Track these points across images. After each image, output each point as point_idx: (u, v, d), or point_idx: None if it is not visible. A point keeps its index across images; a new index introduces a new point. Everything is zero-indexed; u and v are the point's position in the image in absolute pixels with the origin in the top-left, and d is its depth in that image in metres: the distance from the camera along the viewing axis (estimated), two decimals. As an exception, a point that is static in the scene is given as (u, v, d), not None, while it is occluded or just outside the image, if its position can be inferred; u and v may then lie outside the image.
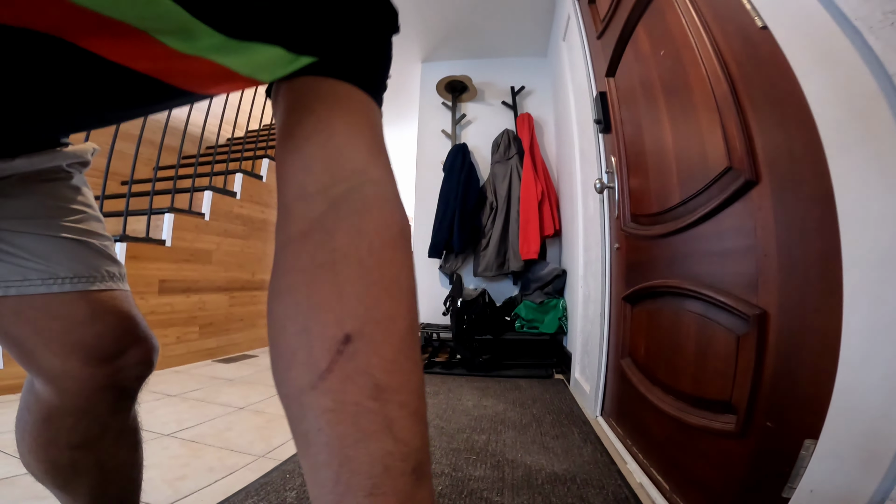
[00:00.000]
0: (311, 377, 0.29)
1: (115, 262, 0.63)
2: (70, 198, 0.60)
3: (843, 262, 0.57)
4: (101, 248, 0.61)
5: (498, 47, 3.32)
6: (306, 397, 0.29)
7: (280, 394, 0.33)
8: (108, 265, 0.61)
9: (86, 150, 0.65)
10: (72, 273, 0.56)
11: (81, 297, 0.56)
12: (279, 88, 0.42)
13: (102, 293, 0.59)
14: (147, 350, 0.64)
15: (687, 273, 1.03)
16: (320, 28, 0.37)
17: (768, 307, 0.72)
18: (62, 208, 0.58)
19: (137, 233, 2.46)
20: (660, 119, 1.15)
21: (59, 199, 0.58)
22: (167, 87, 0.36)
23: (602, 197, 1.71)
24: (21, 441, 0.62)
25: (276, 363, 0.33)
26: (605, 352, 1.64)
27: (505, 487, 1.13)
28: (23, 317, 0.54)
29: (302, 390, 0.30)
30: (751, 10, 0.76)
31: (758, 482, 0.73)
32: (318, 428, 0.28)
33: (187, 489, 1.10)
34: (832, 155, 0.58)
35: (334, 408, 0.28)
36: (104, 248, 0.62)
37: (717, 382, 0.86)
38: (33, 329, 0.54)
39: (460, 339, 2.55)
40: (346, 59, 0.40)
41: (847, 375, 0.56)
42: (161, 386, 2.08)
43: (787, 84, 0.66)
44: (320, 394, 0.29)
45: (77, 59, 0.30)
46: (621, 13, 1.43)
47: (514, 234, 2.76)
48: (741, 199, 0.80)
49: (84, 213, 0.61)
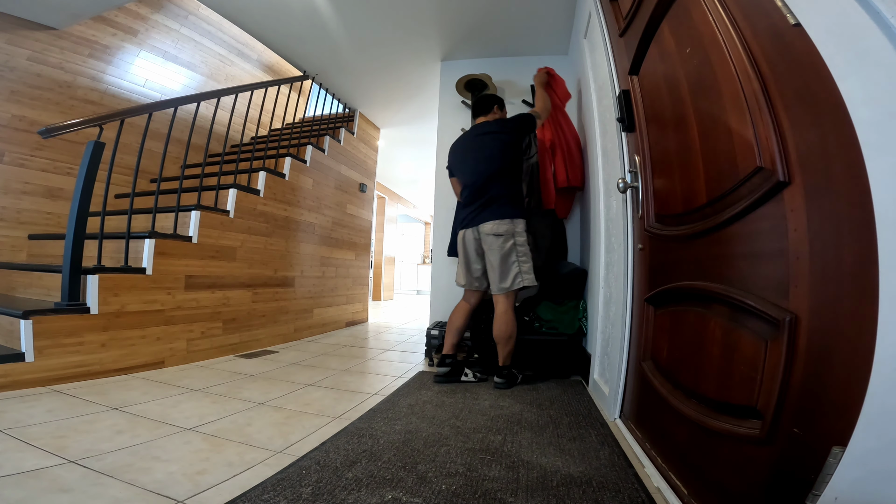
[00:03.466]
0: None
1: None
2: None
3: (879, 267, 0.55)
4: None
5: (518, 46, 3.30)
6: None
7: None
8: None
9: None
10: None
11: None
12: None
13: None
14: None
15: (714, 275, 1.00)
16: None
17: (799, 311, 0.70)
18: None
19: (165, 229, 2.54)
20: (686, 117, 1.13)
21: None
22: None
23: (625, 197, 1.69)
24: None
25: None
26: (625, 354, 1.62)
27: (519, 489, 1.13)
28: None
29: None
30: (782, 7, 0.73)
31: (781, 489, 0.71)
32: None
33: (206, 483, 1.13)
34: (870, 156, 0.56)
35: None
36: None
37: (742, 387, 0.84)
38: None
39: (478, 338, 2.55)
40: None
41: (880, 383, 0.54)
42: (186, 381, 2.14)
43: (822, 83, 0.64)
44: None
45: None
46: (644, 10, 1.40)
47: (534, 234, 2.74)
48: (772, 199, 0.78)
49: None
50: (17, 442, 1.29)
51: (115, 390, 1.89)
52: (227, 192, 2.90)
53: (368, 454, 1.32)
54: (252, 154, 3.31)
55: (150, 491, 1.06)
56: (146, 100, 3.55)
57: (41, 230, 2.88)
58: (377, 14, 3.02)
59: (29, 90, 2.87)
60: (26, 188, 2.84)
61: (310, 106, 4.65)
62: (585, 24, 2.48)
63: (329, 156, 4.07)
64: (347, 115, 4.68)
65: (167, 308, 2.41)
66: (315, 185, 3.84)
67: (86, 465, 1.17)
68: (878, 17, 0.55)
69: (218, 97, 3.01)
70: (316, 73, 3.99)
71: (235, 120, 4.02)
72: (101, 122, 2.17)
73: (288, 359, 2.79)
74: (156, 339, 2.34)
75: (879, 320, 0.55)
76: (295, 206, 3.55)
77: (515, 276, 2.21)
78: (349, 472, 1.19)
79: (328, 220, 4.07)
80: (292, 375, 2.35)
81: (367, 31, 3.25)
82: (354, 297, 4.66)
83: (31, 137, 2.82)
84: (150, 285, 2.32)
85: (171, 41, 3.79)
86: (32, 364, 1.84)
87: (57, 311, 1.94)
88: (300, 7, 3.00)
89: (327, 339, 3.69)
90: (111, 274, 2.15)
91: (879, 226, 0.55)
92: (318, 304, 3.90)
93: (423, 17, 3.00)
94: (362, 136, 4.81)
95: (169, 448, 1.33)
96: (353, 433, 1.49)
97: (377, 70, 3.87)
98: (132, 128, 2.85)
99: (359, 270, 4.76)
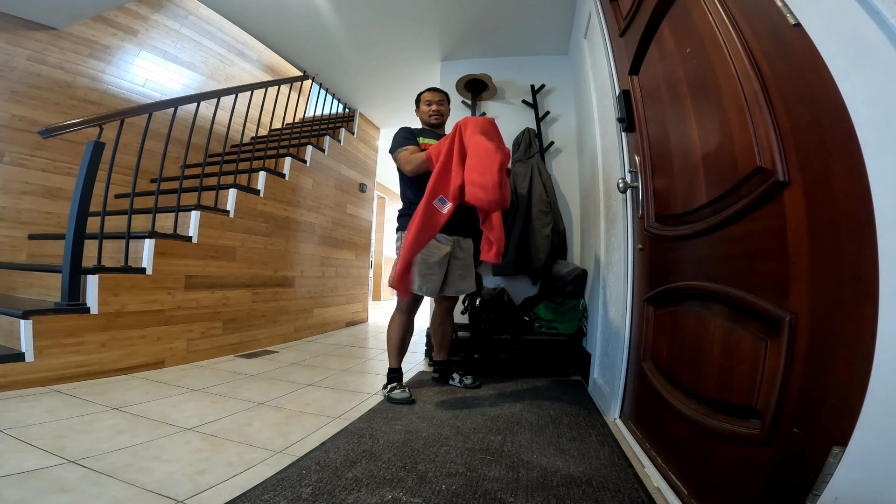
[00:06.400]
0: None
1: None
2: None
3: (879, 267, 0.55)
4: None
5: (518, 45, 3.30)
6: None
7: None
8: None
9: None
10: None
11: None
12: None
13: None
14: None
15: (713, 275, 1.00)
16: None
17: (799, 311, 0.70)
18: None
19: (165, 229, 2.54)
20: (686, 117, 1.13)
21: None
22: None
23: (625, 197, 1.69)
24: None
25: None
26: (626, 354, 1.62)
27: (519, 489, 1.13)
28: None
29: None
30: (782, 7, 0.73)
31: (780, 489, 0.71)
32: None
33: (206, 483, 1.12)
34: (870, 156, 0.56)
35: None
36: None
37: (742, 387, 0.84)
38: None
39: (478, 338, 2.55)
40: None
41: (880, 383, 0.54)
42: (186, 381, 2.14)
43: (822, 83, 0.64)
44: None
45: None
46: (644, 10, 1.40)
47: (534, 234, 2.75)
48: (772, 200, 0.78)
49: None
50: (17, 442, 1.29)
51: (115, 390, 1.89)
52: (227, 192, 2.90)
53: (368, 454, 1.32)
54: (252, 154, 3.32)
55: (150, 491, 1.06)
56: (146, 100, 3.54)
57: (41, 230, 2.88)
58: (377, 14, 3.02)
59: (29, 90, 2.87)
60: (26, 188, 2.83)
61: (310, 106, 4.65)
62: (585, 24, 2.48)
63: (329, 156, 4.07)
64: (347, 115, 4.68)
65: (167, 308, 2.41)
66: (315, 185, 3.84)
67: (86, 465, 1.17)
68: (878, 17, 0.55)
69: (218, 97, 3.01)
70: (316, 73, 3.99)
71: (235, 120, 4.01)
72: (101, 122, 2.17)
73: (288, 359, 2.79)
74: (156, 339, 2.34)
75: (879, 320, 0.54)
76: (295, 206, 3.55)
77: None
78: (349, 472, 1.19)
79: (328, 220, 4.07)
80: (292, 375, 2.35)
81: (367, 31, 3.25)
82: (354, 297, 4.66)
83: (31, 137, 2.82)
84: (150, 285, 2.32)
85: (171, 41, 3.79)
86: (32, 364, 1.84)
87: (57, 311, 1.94)
88: (300, 7, 3.00)
89: (327, 339, 3.69)
90: (111, 274, 2.15)
91: (879, 226, 0.55)
92: (318, 304, 3.90)
93: (423, 17, 3.00)
94: (362, 136, 4.80)
95: (169, 448, 1.33)
96: (353, 433, 1.49)
97: (377, 70, 3.87)
98: (132, 128, 2.84)
99: (359, 270, 4.76)
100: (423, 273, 1.98)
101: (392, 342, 2.08)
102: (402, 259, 1.77)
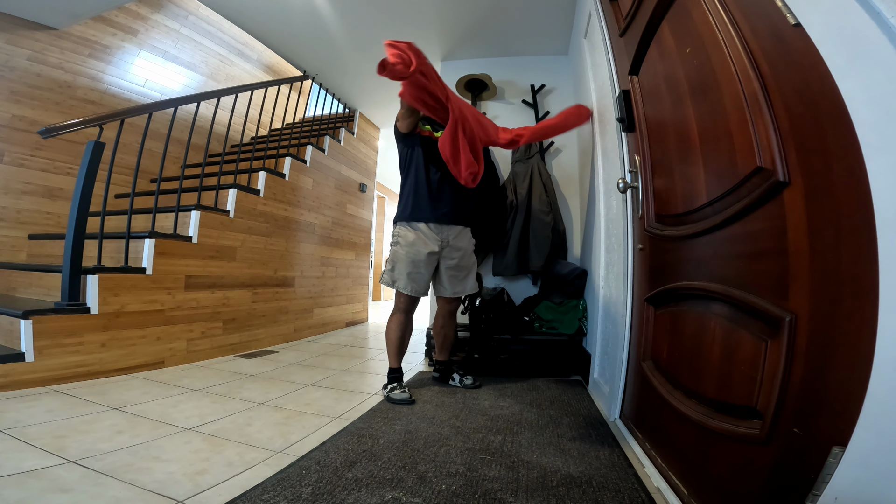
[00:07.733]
0: None
1: None
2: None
3: (879, 267, 0.55)
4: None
5: (518, 45, 3.30)
6: None
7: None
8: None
9: None
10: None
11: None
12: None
13: None
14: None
15: (713, 275, 1.00)
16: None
17: (799, 311, 0.70)
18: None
19: (165, 229, 2.54)
20: (686, 117, 1.13)
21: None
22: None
23: (625, 197, 1.69)
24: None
25: None
26: (626, 354, 1.62)
27: (519, 489, 1.13)
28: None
29: None
30: (783, 7, 0.73)
31: (781, 489, 0.71)
32: None
33: (206, 483, 1.12)
34: (870, 156, 0.56)
35: None
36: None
37: (742, 387, 0.84)
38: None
39: (478, 338, 2.55)
40: None
41: (880, 383, 0.54)
42: (186, 381, 2.14)
43: (822, 83, 0.64)
44: None
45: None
46: (644, 10, 1.40)
47: (534, 234, 2.75)
48: (772, 200, 0.78)
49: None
50: (17, 442, 1.29)
51: (114, 390, 1.89)
52: (227, 192, 2.90)
53: (368, 454, 1.32)
54: (252, 154, 3.32)
55: (150, 491, 1.06)
56: (146, 100, 3.54)
57: (41, 230, 2.88)
58: (377, 14, 3.02)
59: (29, 90, 2.87)
60: (26, 188, 2.83)
61: (310, 106, 4.65)
62: (585, 24, 2.48)
63: (329, 156, 4.07)
64: (347, 115, 4.68)
65: (167, 308, 2.41)
66: (315, 185, 3.84)
67: (86, 465, 1.17)
68: (878, 17, 0.55)
69: (218, 97, 3.01)
70: (316, 73, 3.99)
71: (235, 120, 4.01)
72: (101, 122, 2.17)
73: (288, 359, 2.79)
74: (156, 339, 2.34)
75: (879, 320, 0.54)
76: (295, 206, 3.55)
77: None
78: (349, 472, 1.19)
79: (328, 220, 4.07)
80: (292, 375, 2.35)
81: (367, 31, 3.24)
82: (354, 297, 4.66)
83: (31, 137, 2.82)
84: (150, 285, 2.32)
85: (171, 41, 3.79)
86: (32, 364, 1.84)
87: (57, 311, 1.94)
88: (300, 7, 3.00)
89: (327, 339, 3.69)
90: (111, 274, 2.15)
91: (879, 226, 0.55)
92: (318, 304, 3.90)
93: (423, 17, 3.00)
94: (362, 136, 4.80)
95: (169, 448, 1.33)
96: (353, 433, 1.49)
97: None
98: (132, 128, 2.84)
99: (359, 270, 4.76)
100: (409, 273, 2.00)
101: (391, 342, 2.08)
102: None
